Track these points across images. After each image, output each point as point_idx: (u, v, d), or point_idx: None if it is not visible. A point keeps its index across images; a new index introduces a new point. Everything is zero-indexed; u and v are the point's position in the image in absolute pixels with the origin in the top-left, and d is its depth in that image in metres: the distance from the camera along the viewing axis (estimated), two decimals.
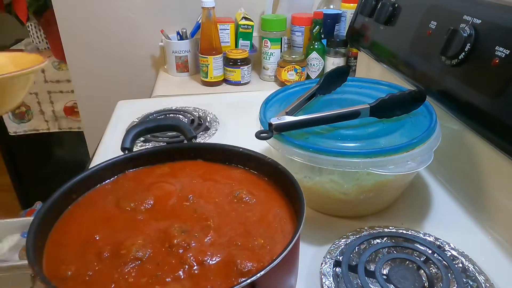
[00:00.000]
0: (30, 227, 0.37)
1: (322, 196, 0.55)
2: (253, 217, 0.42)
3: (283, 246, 0.35)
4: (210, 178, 0.49)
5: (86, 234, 0.40)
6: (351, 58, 1.13)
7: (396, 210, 0.59)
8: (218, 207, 0.44)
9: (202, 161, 0.52)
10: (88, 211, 0.44)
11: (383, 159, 0.48)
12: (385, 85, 0.68)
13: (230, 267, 0.36)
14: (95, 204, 0.45)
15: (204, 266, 0.36)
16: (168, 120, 0.57)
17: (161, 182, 0.48)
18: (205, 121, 0.85)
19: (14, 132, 1.65)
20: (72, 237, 0.40)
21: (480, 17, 0.55)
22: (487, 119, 0.52)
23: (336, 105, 0.62)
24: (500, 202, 0.54)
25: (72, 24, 1.27)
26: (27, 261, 0.33)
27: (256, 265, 0.36)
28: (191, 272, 0.36)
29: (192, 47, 1.21)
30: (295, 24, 1.15)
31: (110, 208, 0.44)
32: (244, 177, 0.49)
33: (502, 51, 0.50)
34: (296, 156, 0.51)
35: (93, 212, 0.44)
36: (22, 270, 1.15)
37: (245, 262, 0.36)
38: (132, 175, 0.50)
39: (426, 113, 0.58)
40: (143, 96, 1.14)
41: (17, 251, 1.31)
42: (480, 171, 0.57)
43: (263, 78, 1.21)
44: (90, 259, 0.37)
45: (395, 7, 0.79)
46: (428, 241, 0.50)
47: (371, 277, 0.45)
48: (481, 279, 0.45)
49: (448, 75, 0.60)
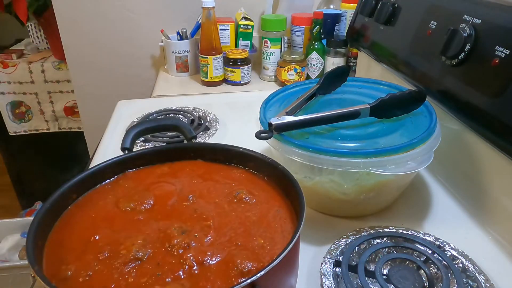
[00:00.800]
0: (30, 227, 0.37)
1: (322, 196, 0.55)
2: (253, 217, 0.42)
3: (283, 246, 0.35)
4: (210, 178, 0.49)
5: (86, 234, 0.40)
6: (351, 58, 1.13)
7: (396, 210, 0.59)
8: (218, 207, 0.44)
9: (202, 161, 0.52)
10: (88, 211, 0.44)
11: (383, 159, 0.48)
12: (385, 85, 0.68)
13: (230, 267, 0.36)
14: (95, 204, 0.45)
15: (204, 266, 0.36)
16: (168, 120, 0.57)
17: (161, 182, 0.48)
18: (205, 121, 0.85)
19: (14, 132, 1.66)
20: (72, 237, 0.40)
21: (480, 17, 0.55)
22: (487, 119, 0.52)
23: (336, 105, 0.62)
24: (500, 202, 0.54)
25: (72, 24, 1.27)
26: (27, 261, 0.33)
27: (256, 265, 0.36)
28: (191, 272, 0.36)
29: (192, 47, 1.21)
30: (295, 24, 1.15)
31: (110, 208, 0.44)
32: (244, 177, 0.49)
33: (502, 51, 0.50)
34: (296, 156, 0.51)
35: (93, 212, 0.44)
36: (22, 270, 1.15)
37: (245, 262, 0.36)
38: (132, 175, 0.50)
39: (426, 113, 0.58)
40: (143, 96, 1.14)
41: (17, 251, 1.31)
42: (480, 171, 0.57)
43: (263, 78, 1.21)
44: (90, 259, 0.37)
45: (395, 7, 0.79)
46: (428, 241, 0.50)
47: (371, 277, 0.45)
48: (481, 279, 0.45)
49: (448, 75, 0.60)
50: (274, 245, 0.39)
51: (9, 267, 1.17)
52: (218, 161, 0.51)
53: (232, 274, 0.35)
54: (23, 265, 1.16)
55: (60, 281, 0.35)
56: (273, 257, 0.33)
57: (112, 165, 0.49)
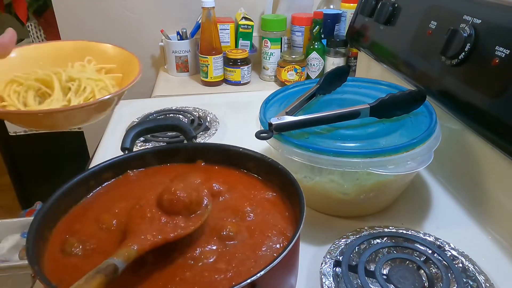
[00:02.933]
0: (30, 227, 0.37)
1: (322, 196, 0.55)
2: (253, 216, 0.42)
3: (283, 246, 0.35)
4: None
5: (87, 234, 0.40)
6: (351, 58, 1.13)
7: (396, 210, 0.59)
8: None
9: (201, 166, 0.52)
10: (88, 211, 0.44)
11: (383, 159, 0.48)
12: (385, 85, 0.68)
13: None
14: (95, 204, 0.45)
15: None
16: (168, 120, 0.57)
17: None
18: (205, 121, 0.85)
19: (14, 132, 1.65)
20: (72, 237, 0.40)
21: (480, 17, 0.55)
22: (487, 119, 0.52)
23: (336, 105, 0.62)
24: (500, 202, 0.54)
25: (72, 24, 1.27)
26: (27, 261, 0.33)
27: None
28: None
29: (192, 47, 1.21)
30: (295, 24, 1.15)
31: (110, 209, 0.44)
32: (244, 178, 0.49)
33: (502, 51, 0.50)
34: (296, 156, 0.51)
35: (93, 212, 0.44)
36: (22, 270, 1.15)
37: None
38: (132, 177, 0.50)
39: (426, 113, 0.58)
40: (143, 96, 1.13)
41: (17, 251, 1.31)
42: (480, 171, 0.57)
43: (263, 78, 1.21)
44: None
45: (395, 7, 0.79)
46: (428, 241, 0.50)
47: (371, 277, 0.45)
48: (481, 279, 0.45)
49: (448, 75, 0.60)
50: (274, 245, 0.39)
51: (9, 267, 1.17)
52: (218, 161, 0.51)
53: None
54: (23, 265, 1.16)
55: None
56: (273, 257, 0.33)
57: (112, 165, 0.49)
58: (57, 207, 0.42)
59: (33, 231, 0.37)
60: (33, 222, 0.38)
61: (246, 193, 0.46)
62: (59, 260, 0.38)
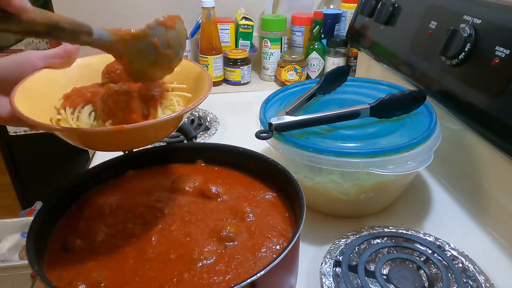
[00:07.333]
0: (30, 227, 0.37)
1: (322, 196, 0.55)
2: (253, 217, 0.42)
3: (282, 248, 0.35)
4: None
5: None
6: (351, 58, 1.13)
7: (396, 210, 0.59)
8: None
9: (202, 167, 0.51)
10: (88, 211, 0.44)
11: (383, 159, 0.48)
12: (385, 85, 0.68)
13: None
14: (95, 204, 0.45)
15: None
16: None
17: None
18: (205, 121, 0.85)
19: (14, 132, 1.65)
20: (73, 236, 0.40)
21: (480, 17, 0.55)
22: (487, 119, 0.52)
23: (336, 105, 0.62)
24: (500, 202, 0.54)
25: None
26: (27, 261, 0.33)
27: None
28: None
29: (192, 47, 1.21)
30: (295, 24, 1.15)
31: (110, 209, 0.44)
32: (244, 178, 0.49)
33: (502, 51, 0.50)
34: (296, 156, 0.51)
35: (93, 212, 0.44)
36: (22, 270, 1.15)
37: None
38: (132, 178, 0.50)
39: (426, 113, 0.58)
40: None
41: (17, 251, 1.31)
42: (480, 171, 0.57)
43: (263, 78, 1.21)
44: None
45: (395, 7, 0.79)
46: (428, 241, 0.50)
47: (371, 277, 0.45)
48: (481, 279, 0.45)
49: (448, 75, 0.60)
50: (274, 245, 0.39)
51: (9, 267, 1.17)
52: (218, 161, 0.51)
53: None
54: (23, 265, 1.16)
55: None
56: (273, 257, 0.33)
57: (112, 165, 0.49)
58: (57, 207, 0.42)
59: (33, 231, 0.37)
60: (33, 222, 0.38)
61: (246, 194, 0.46)
62: (59, 259, 0.38)
